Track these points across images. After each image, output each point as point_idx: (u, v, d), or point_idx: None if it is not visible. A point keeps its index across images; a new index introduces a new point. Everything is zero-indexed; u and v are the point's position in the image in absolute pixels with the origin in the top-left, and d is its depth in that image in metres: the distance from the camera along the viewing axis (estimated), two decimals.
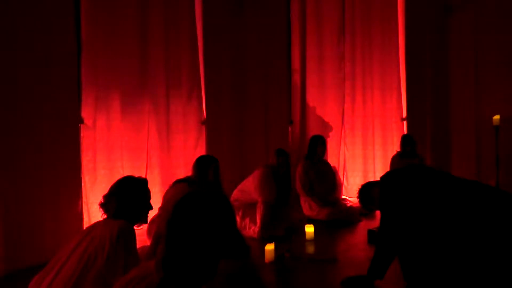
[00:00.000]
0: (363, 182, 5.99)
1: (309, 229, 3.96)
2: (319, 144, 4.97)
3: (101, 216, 2.17)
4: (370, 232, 3.89)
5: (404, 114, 5.95)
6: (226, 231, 1.30)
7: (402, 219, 2.58)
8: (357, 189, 2.97)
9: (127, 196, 2.14)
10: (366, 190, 2.88)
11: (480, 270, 2.29)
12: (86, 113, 4.00)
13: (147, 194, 2.25)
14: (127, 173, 4.15)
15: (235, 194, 4.40)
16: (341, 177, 5.97)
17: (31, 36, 3.44)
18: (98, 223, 2.13)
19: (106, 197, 2.16)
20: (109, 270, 1.91)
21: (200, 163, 3.57)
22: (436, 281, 2.45)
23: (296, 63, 5.88)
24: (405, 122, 5.93)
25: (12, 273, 3.22)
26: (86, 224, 3.81)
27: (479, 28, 5.65)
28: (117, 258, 1.93)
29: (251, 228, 4.09)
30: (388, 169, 5.18)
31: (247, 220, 4.16)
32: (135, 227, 2.19)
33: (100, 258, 1.91)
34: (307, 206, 4.81)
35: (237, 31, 5.27)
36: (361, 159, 6.01)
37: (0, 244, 3.23)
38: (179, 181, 3.54)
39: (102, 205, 2.15)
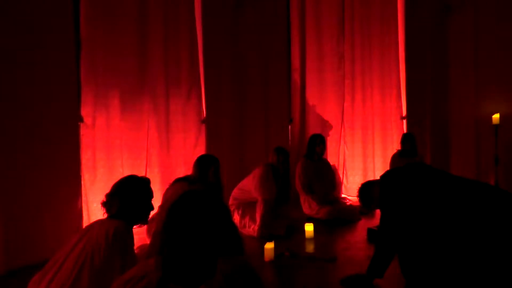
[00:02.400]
0: (363, 181, 5.99)
1: (309, 227, 3.97)
2: (317, 143, 4.97)
3: (103, 214, 2.17)
4: (370, 231, 3.89)
5: (404, 113, 5.95)
6: (221, 228, 1.30)
7: (402, 217, 2.58)
8: (357, 188, 2.97)
9: (130, 196, 2.14)
10: (366, 189, 2.88)
11: (479, 269, 2.30)
12: (85, 111, 4.00)
13: (149, 194, 2.25)
14: (126, 171, 4.17)
15: (235, 193, 4.40)
16: (341, 176, 5.97)
17: (30, 35, 3.43)
18: (96, 222, 2.13)
19: (108, 196, 2.16)
20: (106, 270, 1.91)
21: (201, 163, 3.56)
22: (435, 279, 2.45)
23: (295, 62, 5.88)
24: (404, 121, 5.94)
25: (12, 271, 3.22)
26: (85, 222, 3.81)
27: (478, 26, 5.65)
28: (113, 258, 1.93)
29: (251, 227, 4.09)
30: (388, 167, 5.18)
31: (247, 218, 4.16)
32: (136, 227, 2.20)
33: (97, 258, 1.92)
34: (306, 205, 4.81)
35: (237, 30, 5.26)
36: (360, 158, 6.02)
37: (0, 242, 3.23)
38: (179, 180, 3.54)
39: (104, 204, 2.15)
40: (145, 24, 4.40)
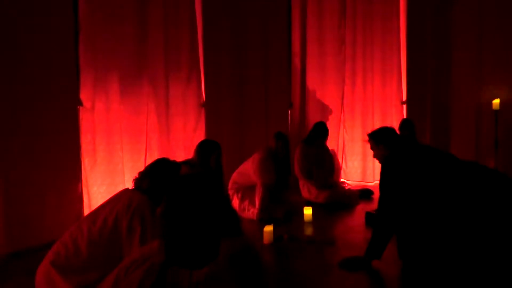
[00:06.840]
0: (362, 166, 5.97)
1: (308, 211, 3.99)
2: (322, 136, 4.97)
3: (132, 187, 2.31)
4: (368, 215, 3.93)
5: (404, 98, 5.93)
6: (218, 209, 1.32)
7: (402, 198, 2.61)
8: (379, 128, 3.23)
9: (160, 177, 2.22)
10: (386, 133, 3.10)
11: (477, 250, 2.32)
12: (84, 95, 3.97)
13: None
14: (126, 155, 4.19)
15: (235, 177, 4.42)
16: (340, 161, 5.98)
17: (30, 18, 3.40)
18: (124, 191, 2.26)
19: (141, 174, 2.29)
20: (126, 235, 1.98)
21: (203, 148, 3.56)
22: (433, 260, 2.49)
23: (296, 46, 5.83)
24: (404, 106, 5.92)
25: (13, 254, 3.25)
26: (86, 206, 3.84)
27: (482, 11, 5.58)
28: (133, 226, 1.98)
29: (250, 210, 4.13)
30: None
31: (246, 202, 4.19)
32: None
33: (120, 223, 2.01)
34: (305, 189, 4.84)
35: (237, 13, 5.21)
36: (360, 143, 6.01)
37: (1, 226, 3.25)
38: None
39: (136, 180, 2.27)
40: (144, 7, 4.34)
